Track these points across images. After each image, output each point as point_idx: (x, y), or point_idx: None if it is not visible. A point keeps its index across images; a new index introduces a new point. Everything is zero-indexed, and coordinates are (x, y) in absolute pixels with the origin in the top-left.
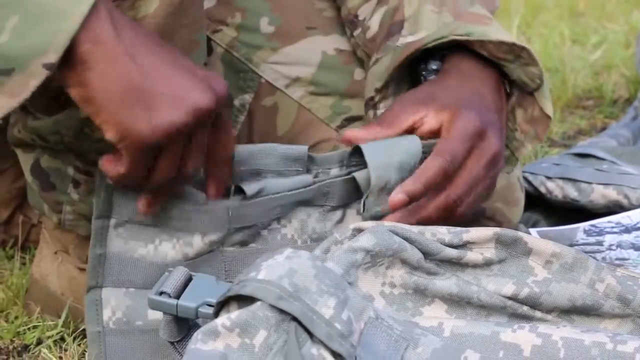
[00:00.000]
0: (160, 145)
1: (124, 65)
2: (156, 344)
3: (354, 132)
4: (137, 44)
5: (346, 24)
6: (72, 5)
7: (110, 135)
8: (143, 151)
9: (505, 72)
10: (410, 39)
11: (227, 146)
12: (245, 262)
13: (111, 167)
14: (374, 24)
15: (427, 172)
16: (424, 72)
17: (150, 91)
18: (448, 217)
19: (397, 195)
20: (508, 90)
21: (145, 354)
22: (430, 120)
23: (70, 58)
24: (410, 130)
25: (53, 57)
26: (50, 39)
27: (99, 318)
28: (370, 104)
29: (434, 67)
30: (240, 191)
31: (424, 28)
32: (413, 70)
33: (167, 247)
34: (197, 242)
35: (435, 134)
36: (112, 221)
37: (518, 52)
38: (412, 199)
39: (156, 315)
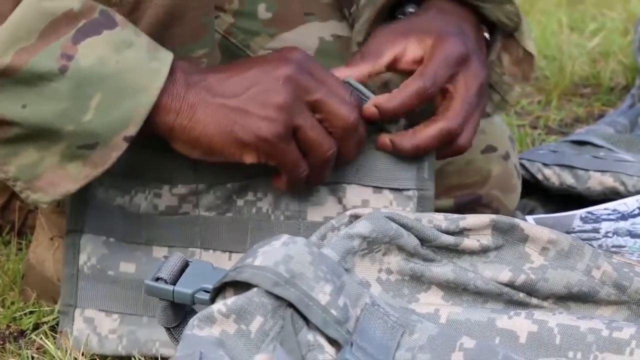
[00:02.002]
0: (287, 128)
1: (204, 107)
2: (124, 295)
3: (340, 71)
4: (210, 84)
5: (343, 3)
6: (149, 80)
7: (248, 159)
8: (282, 142)
9: (484, 16)
10: None
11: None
12: (221, 231)
13: (281, 181)
14: None
15: (403, 92)
16: (400, 16)
17: (238, 106)
18: (450, 149)
19: (369, 107)
20: (488, 38)
21: (113, 303)
22: (412, 49)
23: (152, 127)
24: (394, 62)
25: (133, 131)
26: (131, 114)
27: (75, 261)
28: None
29: (411, 10)
30: None
31: None
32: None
33: (141, 198)
34: (166, 194)
35: (420, 63)
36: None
37: None
38: (383, 114)
39: (127, 269)
